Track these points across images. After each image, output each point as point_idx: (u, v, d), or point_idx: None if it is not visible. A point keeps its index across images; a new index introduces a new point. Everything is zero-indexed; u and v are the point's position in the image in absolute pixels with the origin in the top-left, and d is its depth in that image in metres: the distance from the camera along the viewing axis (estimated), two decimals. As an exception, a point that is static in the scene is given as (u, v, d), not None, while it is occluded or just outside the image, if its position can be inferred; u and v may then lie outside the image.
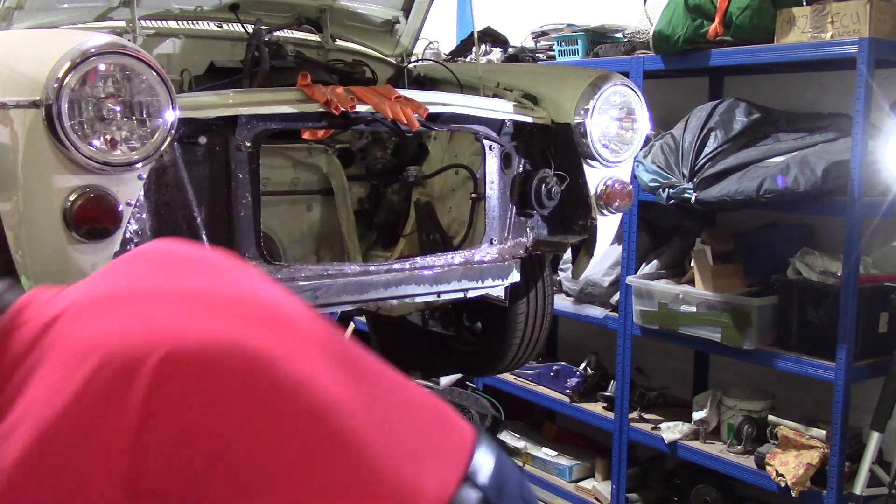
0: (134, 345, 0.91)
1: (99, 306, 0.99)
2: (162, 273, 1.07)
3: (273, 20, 3.10)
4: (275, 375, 0.96)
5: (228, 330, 0.97)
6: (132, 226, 2.05)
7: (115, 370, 0.89)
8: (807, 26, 2.92)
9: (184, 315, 0.98)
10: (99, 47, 1.91)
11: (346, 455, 0.97)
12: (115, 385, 0.88)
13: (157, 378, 0.89)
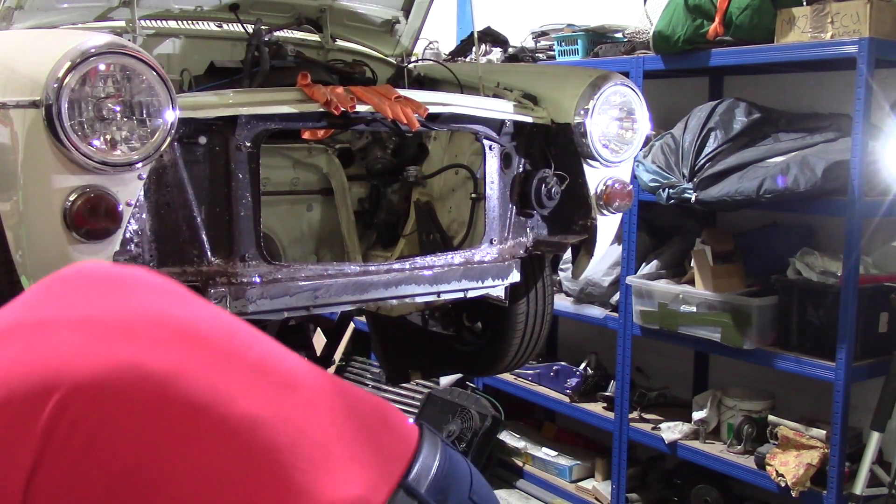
0: (28, 383, 0.88)
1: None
2: (68, 298, 1.03)
3: (273, 20, 3.10)
4: (178, 394, 0.94)
5: (127, 353, 0.94)
6: (132, 226, 2.05)
7: (12, 410, 0.87)
8: (807, 26, 2.92)
9: (80, 343, 0.94)
10: (99, 47, 1.91)
11: (263, 470, 0.95)
12: (10, 426, 0.86)
13: (52, 415, 0.87)
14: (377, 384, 5.01)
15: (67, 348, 0.94)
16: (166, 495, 0.90)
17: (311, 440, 1.01)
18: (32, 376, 0.89)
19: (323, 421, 1.06)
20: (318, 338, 4.01)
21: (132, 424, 0.91)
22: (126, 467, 0.89)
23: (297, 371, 1.10)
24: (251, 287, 2.21)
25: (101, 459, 0.88)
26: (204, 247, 2.18)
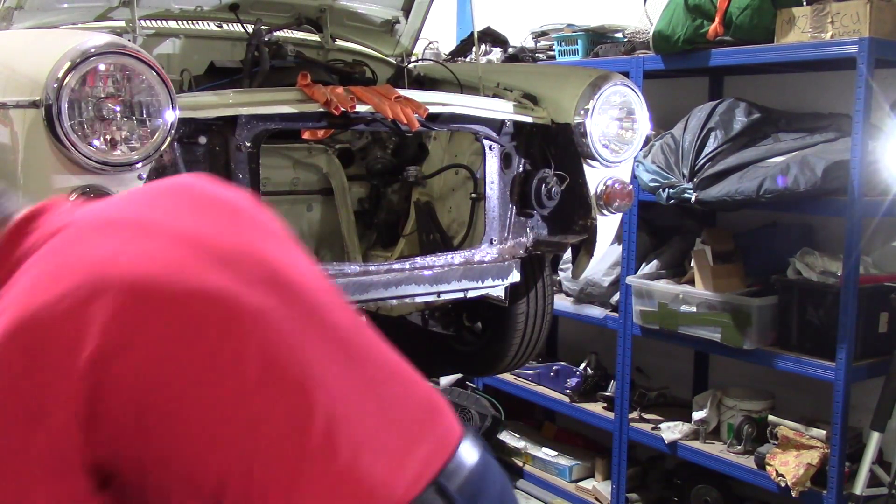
0: (111, 273, 0.91)
1: (99, 229, 1.00)
2: (176, 209, 1.06)
3: (273, 20, 3.10)
4: (255, 338, 0.95)
5: (220, 281, 0.96)
6: (132, 226, 2.06)
7: (88, 292, 0.90)
8: (807, 26, 2.92)
9: (178, 259, 0.97)
10: (99, 47, 1.91)
11: (308, 429, 0.95)
12: (84, 306, 0.89)
13: (123, 309, 0.89)
14: (377, 384, 5.01)
15: (164, 260, 0.95)
16: (199, 423, 0.91)
17: (361, 419, 1.02)
18: (117, 269, 0.92)
19: (379, 402, 1.07)
20: (318, 338, 4.01)
21: (201, 352, 0.92)
22: (172, 386, 0.90)
23: (370, 347, 1.12)
24: (251, 287, 2.21)
25: (161, 366, 0.90)
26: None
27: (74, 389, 0.87)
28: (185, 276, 0.95)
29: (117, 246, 0.96)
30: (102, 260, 0.94)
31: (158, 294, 0.92)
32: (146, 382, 0.89)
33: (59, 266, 0.94)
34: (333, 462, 0.96)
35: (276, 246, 1.09)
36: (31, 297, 0.91)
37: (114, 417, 0.89)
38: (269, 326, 0.97)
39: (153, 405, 0.90)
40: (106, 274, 0.92)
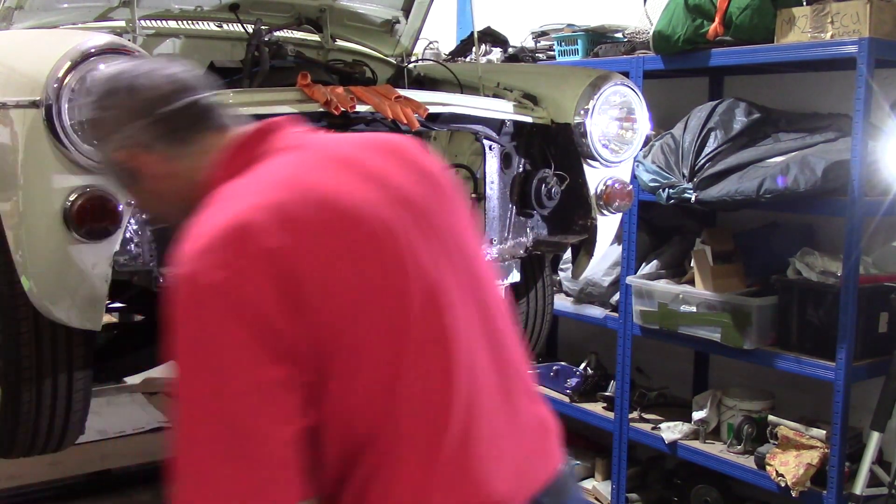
0: (317, 192, 1.12)
1: (319, 159, 1.20)
2: (380, 156, 1.24)
3: (273, 20, 3.10)
4: (403, 266, 1.14)
5: (386, 214, 1.15)
6: (132, 226, 2.05)
7: (296, 204, 1.10)
8: (807, 26, 2.92)
9: (360, 188, 1.16)
10: (99, 47, 1.92)
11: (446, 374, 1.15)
12: (285, 212, 1.08)
13: (315, 218, 1.10)
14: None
15: (355, 191, 1.16)
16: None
17: (490, 422, 1.19)
18: (323, 194, 1.13)
19: (507, 394, 1.23)
20: (318, 338, 4.01)
21: (363, 258, 1.12)
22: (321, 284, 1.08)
23: (513, 350, 1.28)
24: (251, 287, 2.21)
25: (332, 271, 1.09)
26: None
27: (269, 276, 1.04)
28: (367, 205, 1.14)
29: (326, 176, 1.16)
30: (312, 184, 1.14)
31: (341, 212, 1.12)
32: (320, 273, 1.07)
33: (279, 179, 1.14)
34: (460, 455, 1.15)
35: (449, 210, 1.26)
36: (257, 196, 1.11)
37: (299, 301, 1.05)
38: (425, 266, 1.15)
39: (324, 289, 1.07)
40: (312, 192, 1.12)
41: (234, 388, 1.03)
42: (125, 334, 3.09)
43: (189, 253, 1.07)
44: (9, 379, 2.24)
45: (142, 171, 1.27)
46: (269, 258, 1.04)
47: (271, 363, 1.03)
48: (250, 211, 1.07)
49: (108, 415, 4.58)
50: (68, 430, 2.38)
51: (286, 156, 1.19)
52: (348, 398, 1.09)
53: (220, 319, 1.03)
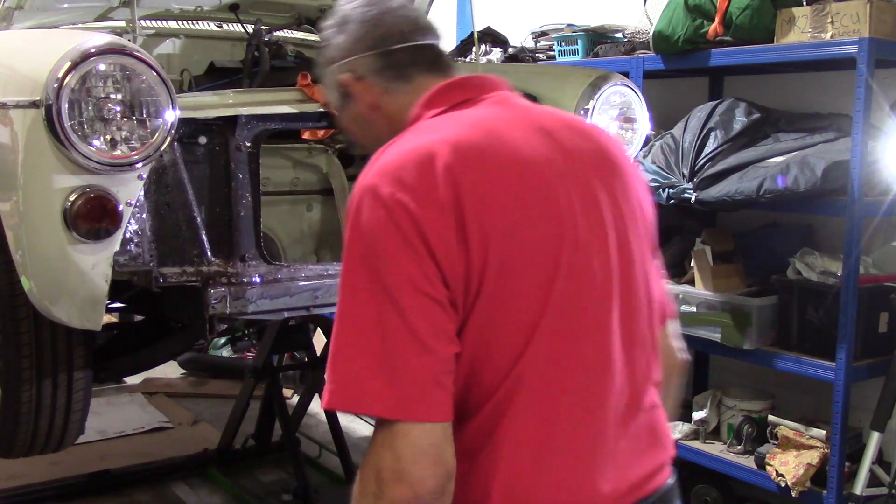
0: (457, 138, 1.17)
1: (500, 112, 1.27)
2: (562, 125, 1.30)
3: (273, 20, 3.10)
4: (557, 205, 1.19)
5: (546, 174, 1.20)
6: (132, 226, 2.06)
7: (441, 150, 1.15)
8: (807, 26, 2.92)
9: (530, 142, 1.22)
10: (99, 47, 1.91)
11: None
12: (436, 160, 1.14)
13: (478, 159, 1.16)
14: (377, 384, 5.01)
15: (526, 145, 1.22)
16: None
17: (609, 411, 1.22)
18: (461, 136, 1.18)
19: (632, 406, 1.26)
20: (319, 338, 4.01)
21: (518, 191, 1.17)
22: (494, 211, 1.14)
23: (649, 344, 1.31)
24: (251, 287, 2.21)
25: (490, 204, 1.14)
26: (204, 247, 2.18)
27: (442, 203, 1.11)
28: (545, 167, 1.20)
29: (515, 131, 1.22)
30: (499, 132, 1.21)
31: (519, 161, 1.19)
32: (488, 210, 1.13)
33: (471, 123, 1.22)
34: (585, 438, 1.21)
35: (622, 196, 1.29)
36: (447, 132, 1.18)
37: (464, 231, 1.11)
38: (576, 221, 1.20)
39: (488, 226, 1.12)
40: (497, 139, 1.19)
41: (398, 298, 1.09)
42: (125, 334, 3.09)
43: (377, 169, 1.15)
44: (9, 379, 2.25)
45: (358, 97, 1.36)
46: (445, 187, 1.11)
47: (434, 281, 1.10)
48: (438, 143, 1.15)
49: (108, 415, 4.59)
50: (68, 430, 2.38)
51: (484, 108, 1.27)
52: (487, 336, 1.14)
53: (393, 233, 1.10)
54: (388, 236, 1.10)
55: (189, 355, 5.26)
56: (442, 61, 1.37)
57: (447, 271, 1.11)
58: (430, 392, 1.10)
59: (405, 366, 1.09)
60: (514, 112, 1.28)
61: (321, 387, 3.95)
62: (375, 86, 1.35)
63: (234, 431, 3.93)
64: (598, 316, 1.21)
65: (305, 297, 2.31)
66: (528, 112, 1.30)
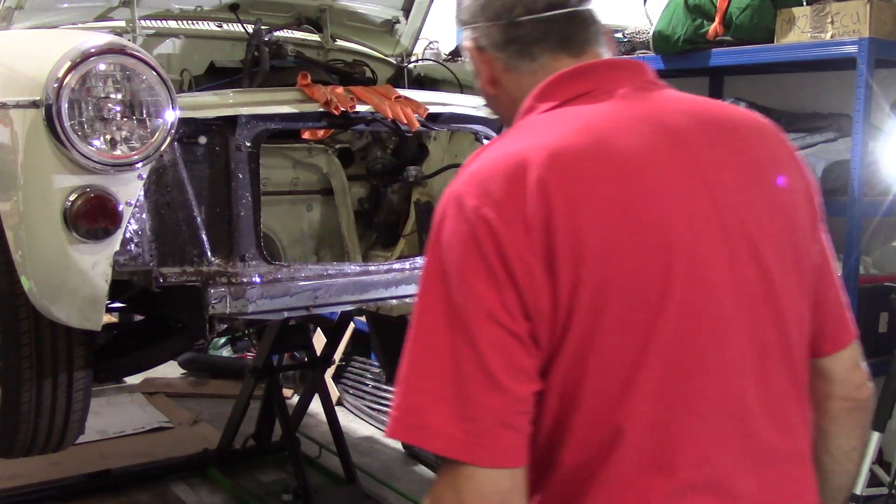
0: (545, 147, 1.02)
1: (619, 112, 1.09)
2: None
3: (273, 20, 3.10)
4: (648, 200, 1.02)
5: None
6: (132, 226, 2.06)
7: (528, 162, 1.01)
8: (807, 26, 2.92)
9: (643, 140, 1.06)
10: (99, 47, 1.92)
11: None
12: (527, 172, 1.00)
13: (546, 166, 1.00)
14: (377, 384, 5.01)
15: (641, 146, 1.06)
16: None
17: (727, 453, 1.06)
18: (549, 147, 1.02)
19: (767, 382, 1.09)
20: (318, 338, 4.01)
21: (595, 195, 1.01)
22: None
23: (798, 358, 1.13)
24: (251, 287, 2.21)
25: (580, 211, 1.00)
26: (204, 247, 2.18)
27: (532, 223, 0.98)
28: (662, 186, 1.03)
29: (630, 139, 1.05)
30: (610, 142, 1.04)
31: (627, 177, 1.02)
32: (584, 234, 0.99)
33: (579, 127, 1.05)
34: None
35: (772, 210, 1.12)
36: (548, 137, 1.03)
37: (554, 255, 0.98)
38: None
39: (582, 251, 0.98)
40: (605, 149, 1.03)
41: (471, 326, 0.97)
42: (125, 334, 3.09)
43: (467, 176, 1.03)
44: (9, 379, 2.25)
45: (479, 69, 1.21)
46: (536, 205, 0.98)
47: (514, 311, 0.97)
48: (534, 151, 1.01)
49: (108, 415, 4.59)
50: (68, 430, 2.38)
51: (604, 105, 1.09)
52: (578, 379, 1.01)
53: (472, 252, 0.98)
54: (467, 255, 0.98)
55: (189, 355, 5.26)
56: (576, 40, 1.15)
57: (529, 302, 0.98)
58: (499, 435, 0.98)
59: (474, 403, 0.97)
60: (637, 110, 1.09)
61: (320, 386, 3.96)
62: (497, 60, 1.18)
63: (234, 431, 3.93)
64: (721, 354, 1.04)
65: (305, 297, 2.31)
66: (655, 110, 1.11)
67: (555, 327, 0.99)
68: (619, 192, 1.01)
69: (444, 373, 0.98)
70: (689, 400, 1.02)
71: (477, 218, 0.98)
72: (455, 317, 0.98)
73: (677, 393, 1.01)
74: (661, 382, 1.00)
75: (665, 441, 1.01)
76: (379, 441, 4.55)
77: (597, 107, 1.08)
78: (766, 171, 1.13)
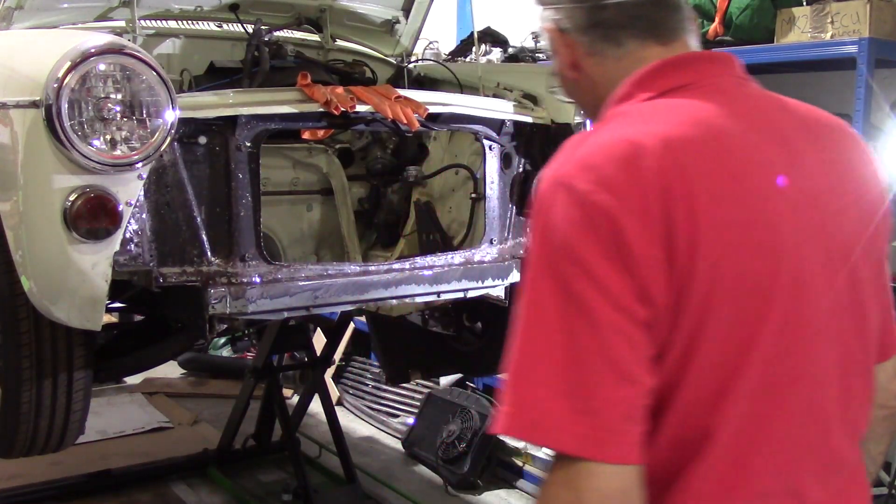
0: (660, 135, 0.99)
1: (723, 105, 1.06)
2: None
3: (273, 20, 3.10)
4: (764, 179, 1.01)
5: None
6: (132, 226, 2.06)
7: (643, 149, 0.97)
8: (807, 26, 2.92)
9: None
10: (99, 47, 1.92)
11: None
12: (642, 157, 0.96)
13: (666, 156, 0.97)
14: (377, 384, 5.01)
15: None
16: None
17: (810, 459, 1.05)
18: (667, 133, 0.99)
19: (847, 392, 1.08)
20: (318, 338, 4.01)
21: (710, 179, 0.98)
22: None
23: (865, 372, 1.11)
24: (251, 287, 2.21)
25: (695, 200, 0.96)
26: (204, 247, 2.19)
27: (649, 208, 0.94)
28: (765, 170, 1.01)
29: (736, 132, 1.03)
30: (718, 132, 1.02)
31: (739, 165, 1.00)
32: (700, 220, 0.95)
33: (687, 116, 1.02)
34: None
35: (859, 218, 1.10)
36: (659, 125, 1.00)
37: (671, 240, 0.94)
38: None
39: (698, 237, 0.95)
40: (715, 139, 1.01)
41: (594, 314, 0.92)
42: (125, 334, 3.09)
43: (576, 160, 0.98)
44: (9, 379, 2.25)
45: (559, 52, 1.17)
46: (655, 193, 0.94)
47: (636, 297, 0.93)
48: (649, 138, 0.97)
49: (108, 415, 4.59)
50: (68, 430, 2.38)
51: (707, 98, 1.06)
52: (676, 379, 0.97)
53: (590, 237, 0.93)
54: (584, 241, 0.93)
55: (189, 355, 5.26)
56: (665, 27, 1.11)
57: (651, 288, 0.93)
58: (626, 430, 0.93)
59: (598, 396, 0.92)
60: (739, 107, 1.07)
61: (320, 386, 3.95)
62: (579, 44, 1.13)
63: (234, 431, 3.93)
64: (814, 363, 1.03)
65: (305, 297, 2.31)
66: (756, 107, 1.09)
67: (667, 321, 0.95)
68: (734, 190, 0.98)
69: (563, 365, 0.93)
70: (778, 408, 1.00)
71: (591, 203, 0.93)
72: (573, 305, 0.93)
73: (768, 401, 0.99)
74: (755, 390, 0.98)
75: (750, 448, 0.99)
76: (379, 441, 4.56)
77: (700, 100, 1.05)
78: (856, 175, 1.12)
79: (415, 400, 4.73)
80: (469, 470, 4.02)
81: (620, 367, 0.92)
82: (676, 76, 1.08)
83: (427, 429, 4.34)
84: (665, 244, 0.93)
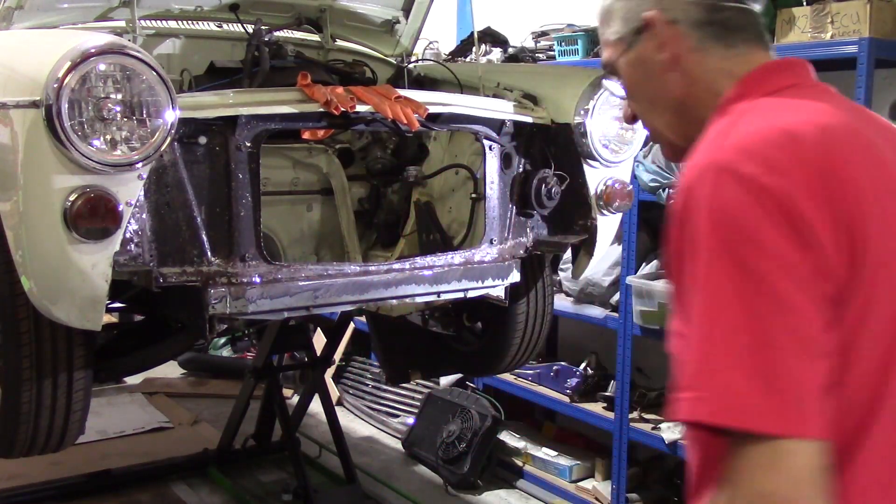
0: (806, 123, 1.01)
1: (828, 103, 1.08)
2: None
3: (273, 20, 3.10)
4: None
5: None
6: (132, 226, 2.06)
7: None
8: (807, 26, 2.92)
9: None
10: (99, 47, 1.92)
11: None
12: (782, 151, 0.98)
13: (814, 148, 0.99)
14: (377, 384, 5.02)
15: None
16: None
17: None
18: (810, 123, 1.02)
19: None
20: (318, 338, 4.01)
21: None
22: None
23: None
24: (251, 287, 2.21)
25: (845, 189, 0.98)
26: (204, 247, 2.19)
27: (817, 189, 0.95)
28: None
29: (853, 127, 1.06)
30: (844, 124, 1.05)
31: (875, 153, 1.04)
32: (862, 199, 0.98)
33: (815, 108, 1.05)
34: None
35: None
36: (800, 114, 1.03)
37: (840, 221, 0.96)
38: None
39: (861, 215, 0.97)
40: (848, 129, 1.04)
41: (781, 291, 0.93)
42: (125, 334, 3.09)
43: (732, 145, 0.99)
44: (9, 379, 2.25)
45: (659, 42, 1.16)
46: (821, 176, 0.96)
47: (816, 274, 0.94)
48: (802, 125, 1.00)
49: (108, 415, 4.59)
50: (68, 430, 2.38)
51: (818, 97, 1.09)
52: (841, 361, 0.97)
53: (764, 217, 0.94)
54: (759, 222, 0.94)
55: (189, 355, 5.27)
56: (765, 34, 1.17)
57: (832, 265, 0.95)
58: (821, 405, 0.93)
59: (792, 372, 0.92)
60: (847, 105, 1.11)
61: (320, 386, 3.95)
62: (688, 37, 1.14)
63: (234, 431, 3.94)
64: None
65: (305, 297, 2.31)
66: (857, 108, 1.14)
67: (841, 300, 0.96)
68: (885, 181, 1.01)
69: (751, 347, 0.92)
70: None
71: (761, 185, 0.95)
72: (753, 286, 0.93)
73: None
74: None
75: None
76: (379, 441, 4.56)
77: (815, 99, 1.08)
78: None
79: (415, 400, 4.73)
80: (469, 470, 4.03)
81: (815, 341, 0.93)
82: (784, 77, 1.12)
83: (427, 429, 4.34)
84: (835, 222, 0.95)
